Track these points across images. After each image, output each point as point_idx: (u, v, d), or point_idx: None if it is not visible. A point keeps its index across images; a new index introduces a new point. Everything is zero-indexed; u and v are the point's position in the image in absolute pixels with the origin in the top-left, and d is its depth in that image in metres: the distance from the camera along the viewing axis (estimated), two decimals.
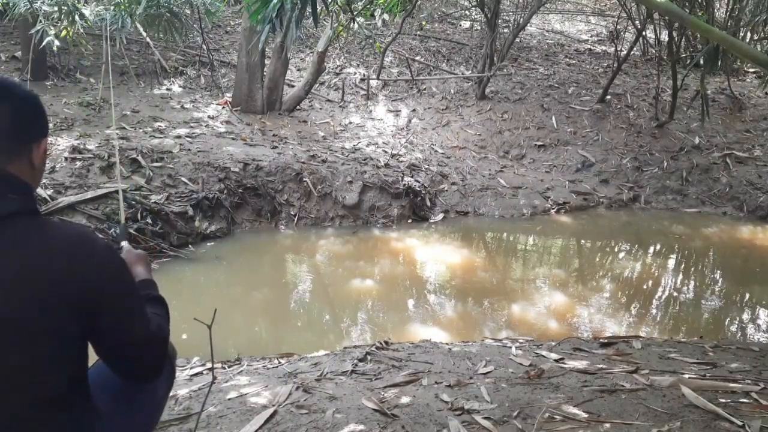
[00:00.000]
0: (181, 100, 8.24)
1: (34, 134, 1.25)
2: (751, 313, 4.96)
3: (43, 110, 1.28)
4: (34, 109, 1.25)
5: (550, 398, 2.32)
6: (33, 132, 1.25)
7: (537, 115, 9.10)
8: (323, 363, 2.82)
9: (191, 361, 3.03)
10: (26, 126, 1.23)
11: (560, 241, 6.71)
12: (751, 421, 2.06)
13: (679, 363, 2.85)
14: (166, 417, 2.20)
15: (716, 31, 3.43)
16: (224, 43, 10.47)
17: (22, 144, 1.22)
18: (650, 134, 8.70)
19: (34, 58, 7.45)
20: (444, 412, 2.20)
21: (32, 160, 1.23)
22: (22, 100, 1.23)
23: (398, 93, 9.71)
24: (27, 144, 1.23)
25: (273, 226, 6.03)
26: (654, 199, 7.76)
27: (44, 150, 1.27)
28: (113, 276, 1.22)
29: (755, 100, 9.71)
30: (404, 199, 6.53)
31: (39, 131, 1.26)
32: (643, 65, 11.00)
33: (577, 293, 4.98)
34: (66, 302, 1.14)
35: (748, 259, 6.26)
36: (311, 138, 7.80)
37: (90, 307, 1.17)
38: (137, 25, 7.52)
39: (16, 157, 1.21)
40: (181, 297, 4.50)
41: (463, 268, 5.42)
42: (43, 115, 1.28)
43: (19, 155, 1.21)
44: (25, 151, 1.22)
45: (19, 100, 1.22)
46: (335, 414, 2.18)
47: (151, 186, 5.50)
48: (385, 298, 4.77)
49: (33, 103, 1.25)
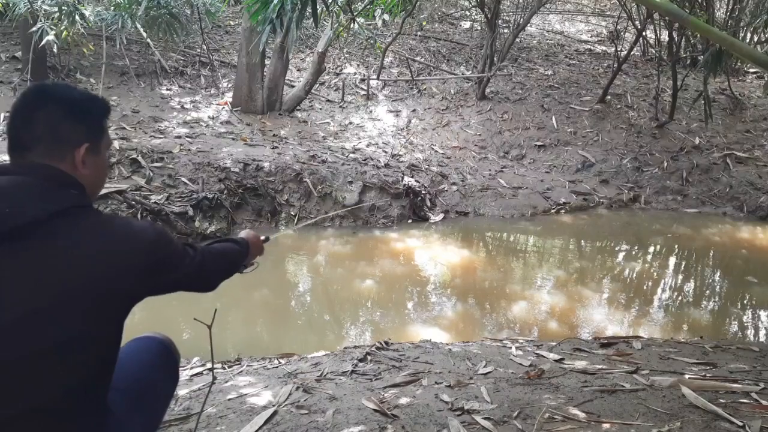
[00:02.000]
0: (181, 100, 8.25)
1: (71, 139, 1.30)
2: (751, 313, 4.96)
3: (86, 115, 1.34)
4: (69, 114, 1.31)
5: (550, 398, 2.32)
6: (69, 136, 1.30)
7: (537, 115, 9.10)
8: (323, 363, 2.82)
9: (191, 361, 3.03)
10: (61, 131, 1.29)
11: (560, 241, 6.71)
12: (751, 421, 2.06)
13: (679, 363, 2.85)
14: (167, 417, 2.20)
15: (716, 32, 3.43)
16: (224, 43, 10.47)
17: (60, 147, 1.29)
18: (650, 134, 8.70)
19: (34, 58, 7.45)
20: (444, 412, 2.20)
21: (75, 163, 1.30)
22: (55, 105, 1.30)
23: (398, 93, 9.71)
24: (65, 147, 1.29)
25: (273, 226, 6.03)
26: (654, 200, 7.76)
27: (83, 154, 1.31)
28: (161, 246, 1.35)
29: (755, 100, 9.71)
30: (404, 199, 6.53)
31: (76, 136, 1.31)
32: (643, 65, 11.01)
33: (577, 293, 4.98)
34: (132, 274, 1.26)
35: (748, 260, 6.26)
36: (311, 138, 7.80)
37: (150, 272, 1.31)
38: (137, 25, 7.52)
39: (60, 160, 1.29)
40: (181, 297, 4.49)
41: (463, 268, 5.42)
42: (83, 120, 1.33)
43: (60, 158, 1.29)
44: (66, 154, 1.29)
45: (53, 104, 1.30)
46: (335, 414, 2.18)
47: (151, 186, 5.50)
48: (385, 299, 4.77)
49: (69, 109, 1.31)
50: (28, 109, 1.29)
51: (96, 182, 1.39)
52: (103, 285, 1.22)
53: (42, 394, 1.15)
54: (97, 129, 1.37)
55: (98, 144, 1.36)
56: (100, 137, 1.37)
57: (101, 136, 1.37)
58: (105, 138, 1.40)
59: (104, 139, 1.39)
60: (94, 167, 1.34)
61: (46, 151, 1.27)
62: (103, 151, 1.39)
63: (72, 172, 1.30)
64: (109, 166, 1.53)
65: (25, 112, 1.29)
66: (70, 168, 1.30)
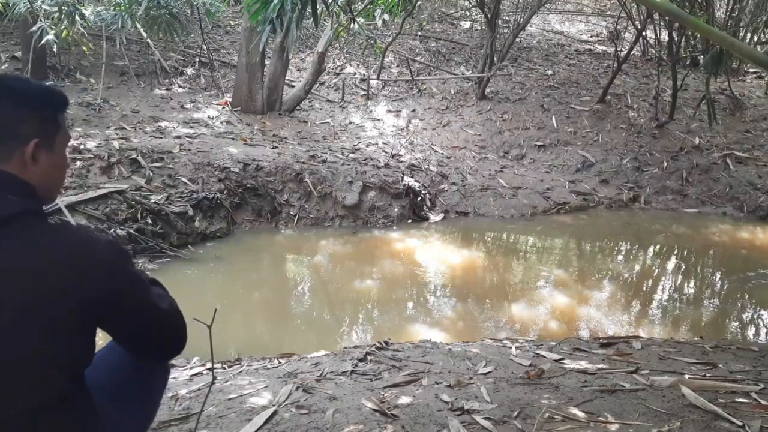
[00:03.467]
0: (181, 100, 8.25)
1: (20, 134, 1.21)
2: (751, 313, 4.96)
3: (38, 108, 1.25)
4: (19, 107, 1.22)
5: (550, 398, 2.32)
6: (17, 132, 1.21)
7: (537, 115, 9.10)
8: (323, 363, 2.82)
9: (191, 361, 3.03)
10: (9, 125, 1.21)
11: (560, 241, 6.71)
12: (751, 421, 2.06)
13: (679, 363, 2.85)
14: (167, 417, 2.20)
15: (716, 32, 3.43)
16: (224, 43, 10.47)
17: (7, 144, 1.20)
18: (650, 134, 8.70)
19: (34, 58, 7.45)
20: (444, 412, 2.21)
21: (24, 160, 1.21)
22: (5, 98, 1.21)
23: (398, 93, 9.71)
24: (12, 144, 1.20)
25: (273, 226, 6.03)
26: (654, 200, 7.76)
27: (32, 149, 1.21)
28: (119, 270, 1.22)
29: (755, 100, 9.71)
30: (404, 199, 6.53)
31: (26, 131, 1.22)
32: (643, 65, 11.00)
33: (577, 293, 4.98)
34: (75, 302, 1.14)
35: (748, 260, 6.26)
36: (311, 138, 7.80)
37: (101, 305, 1.19)
38: (137, 25, 7.52)
39: (5, 159, 1.20)
40: (181, 297, 4.48)
41: (463, 268, 5.42)
42: (33, 113, 1.23)
43: (7, 157, 1.20)
44: (13, 151, 1.20)
45: (2, 97, 1.21)
46: (335, 414, 2.18)
47: (151, 186, 5.50)
48: (385, 298, 4.77)
49: (19, 102, 1.22)
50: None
51: (52, 182, 1.29)
52: (48, 307, 1.11)
53: (12, 407, 1.11)
54: (52, 123, 1.27)
55: (52, 139, 1.26)
56: (54, 132, 1.27)
57: (56, 132, 1.27)
58: (61, 133, 1.29)
59: (60, 135, 1.28)
60: (47, 165, 1.25)
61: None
62: (60, 148, 1.29)
63: (19, 172, 1.20)
64: (68, 163, 1.37)
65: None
66: (18, 167, 1.20)
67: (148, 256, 4.92)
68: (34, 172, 1.23)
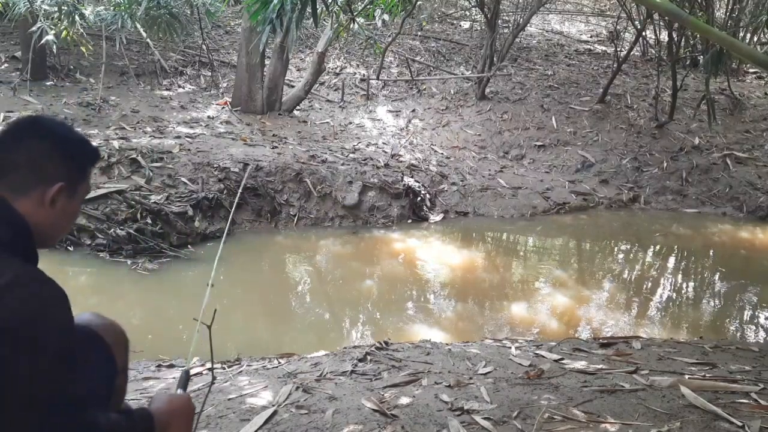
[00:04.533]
0: (181, 100, 8.25)
1: (48, 175, 1.23)
2: (751, 313, 4.96)
3: (72, 155, 1.27)
4: (55, 150, 1.24)
5: (550, 398, 2.32)
6: (47, 172, 1.23)
7: (537, 115, 9.10)
8: (323, 363, 2.82)
9: (191, 361, 3.03)
10: (41, 164, 1.22)
11: (560, 241, 6.71)
12: (751, 421, 2.06)
13: (678, 363, 2.85)
14: None
15: (716, 32, 3.43)
16: (224, 43, 10.47)
17: (32, 180, 1.21)
18: (650, 134, 8.70)
19: (34, 58, 7.46)
20: (444, 412, 2.21)
21: (43, 200, 1.21)
22: (44, 138, 1.24)
23: (398, 93, 9.71)
24: (37, 182, 1.21)
25: (273, 226, 6.03)
26: (654, 200, 7.76)
27: (56, 192, 1.22)
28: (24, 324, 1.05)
29: (755, 100, 9.72)
30: (404, 199, 6.53)
31: (54, 173, 1.23)
32: (643, 65, 11.00)
33: (576, 293, 4.98)
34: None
35: (748, 260, 6.27)
36: (311, 138, 7.80)
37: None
38: (137, 25, 7.52)
39: (22, 194, 1.20)
40: (181, 297, 4.50)
41: (463, 268, 5.42)
42: (66, 159, 1.25)
43: (24, 192, 1.20)
44: (33, 189, 1.21)
45: (42, 136, 1.24)
46: (335, 414, 2.18)
47: (151, 186, 5.50)
48: (385, 299, 4.77)
49: (55, 145, 1.25)
50: (16, 136, 1.23)
51: (57, 227, 1.27)
52: None
53: None
54: (80, 173, 1.29)
55: (75, 188, 1.28)
56: (79, 182, 1.29)
57: (81, 181, 1.30)
58: (84, 184, 1.31)
59: (82, 185, 1.31)
60: (62, 211, 1.26)
61: (13, 181, 1.20)
62: (79, 197, 1.31)
63: (31, 208, 1.20)
64: (78, 214, 1.33)
65: (12, 138, 1.23)
66: (33, 204, 1.20)
67: (148, 256, 4.92)
68: (48, 215, 1.23)
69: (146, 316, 4.30)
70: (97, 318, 1.49)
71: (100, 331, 1.43)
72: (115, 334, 1.48)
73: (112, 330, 1.48)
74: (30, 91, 7.53)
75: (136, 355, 2.89)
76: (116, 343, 1.47)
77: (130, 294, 4.57)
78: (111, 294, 4.53)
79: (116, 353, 1.45)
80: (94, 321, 1.47)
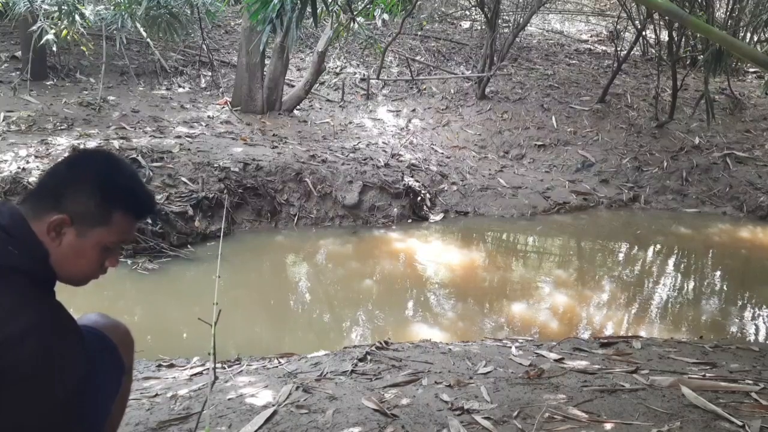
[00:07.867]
0: (181, 100, 8.25)
1: (68, 206, 1.21)
2: (751, 313, 4.96)
3: (96, 199, 1.23)
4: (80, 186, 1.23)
5: (550, 398, 2.32)
6: (67, 201, 1.21)
7: (537, 115, 9.10)
8: (323, 363, 2.82)
9: (191, 360, 3.03)
10: (60, 191, 1.22)
11: (560, 241, 6.71)
12: (751, 421, 2.06)
13: (678, 363, 2.85)
14: (166, 417, 2.20)
15: (716, 31, 3.43)
16: (224, 43, 10.47)
17: (51, 204, 1.21)
18: (650, 134, 8.70)
19: (34, 58, 7.45)
20: (444, 412, 2.21)
21: (46, 227, 1.19)
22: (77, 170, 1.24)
23: (398, 93, 9.70)
24: (53, 207, 1.21)
25: (273, 226, 6.03)
26: (654, 199, 7.76)
27: (56, 223, 1.19)
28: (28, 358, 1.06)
29: (755, 100, 9.71)
30: (404, 199, 6.53)
31: (72, 206, 1.21)
32: (643, 65, 11.00)
33: (577, 293, 4.98)
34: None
35: (748, 260, 6.26)
36: (311, 138, 7.80)
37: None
38: (137, 25, 7.52)
39: (38, 217, 1.20)
40: (182, 297, 4.50)
41: (463, 268, 5.42)
42: (86, 198, 1.22)
43: (39, 216, 1.20)
44: (47, 214, 1.20)
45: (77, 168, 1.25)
46: (335, 414, 2.18)
47: (151, 186, 5.49)
48: (385, 298, 4.77)
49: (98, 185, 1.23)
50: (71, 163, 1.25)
51: (67, 264, 1.22)
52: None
53: None
54: (99, 217, 1.24)
55: (86, 229, 1.22)
56: (94, 225, 1.23)
57: (97, 225, 1.23)
58: (102, 230, 1.24)
59: (98, 230, 1.24)
60: (69, 247, 1.21)
61: (36, 204, 1.20)
62: (91, 240, 1.23)
63: (43, 235, 1.19)
64: (96, 260, 1.27)
65: (71, 166, 1.24)
66: (39, 230, 1.19)
67: (148, 255, 4.92)
68: (51, 245, 1.20)
69: (146, 316, 4.30)
70: (102, 318, 1.49)
71: (106, 332, 1.44)
72: (121, 335, 1.49)
73: (117, 330, 1.49)
74: (30, 90, 7.53)
75: (136, 355, 2.89)
76: (122, 344, 1.48)
77: (130, 294, 4.56)
78: (111, 294, 4.53)
79: (122, 353, 1.46)
80: (101, 321, 1.47)
